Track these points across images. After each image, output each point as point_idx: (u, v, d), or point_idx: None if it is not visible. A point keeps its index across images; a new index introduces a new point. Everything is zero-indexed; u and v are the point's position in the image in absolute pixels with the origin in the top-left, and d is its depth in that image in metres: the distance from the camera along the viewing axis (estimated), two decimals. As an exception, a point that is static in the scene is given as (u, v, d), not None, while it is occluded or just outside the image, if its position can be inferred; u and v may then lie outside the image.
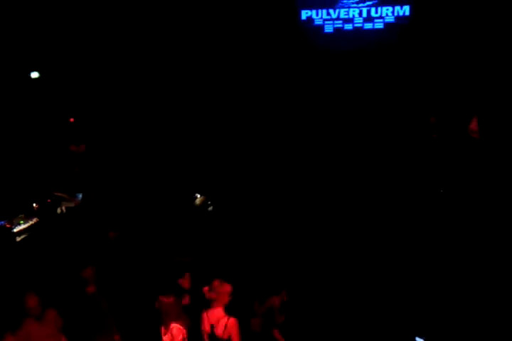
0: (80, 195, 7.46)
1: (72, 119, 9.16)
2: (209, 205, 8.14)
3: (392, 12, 9.68)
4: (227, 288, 3.98)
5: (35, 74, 8.52)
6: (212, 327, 3.96)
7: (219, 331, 3.92)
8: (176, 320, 4.04)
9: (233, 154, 9.39)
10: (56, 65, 8.91)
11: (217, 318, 3.93)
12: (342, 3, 9.83)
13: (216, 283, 3.97)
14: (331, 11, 9.92)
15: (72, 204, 7.25)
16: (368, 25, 9.88)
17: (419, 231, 6.82)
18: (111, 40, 9.49)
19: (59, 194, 7.30)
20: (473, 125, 7.57)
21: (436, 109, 8.98)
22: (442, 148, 8.34)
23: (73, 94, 9.14)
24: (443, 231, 6.72)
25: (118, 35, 9.48)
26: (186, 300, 4.85)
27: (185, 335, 4.07)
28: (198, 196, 8.14)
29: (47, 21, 8.53)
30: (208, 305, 4.03)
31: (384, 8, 9.70)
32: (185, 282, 5.04)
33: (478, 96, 8.36)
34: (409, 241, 6.64)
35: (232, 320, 3.91)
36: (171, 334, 4.02)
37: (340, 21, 9.92)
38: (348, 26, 9.96)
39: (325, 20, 9.99)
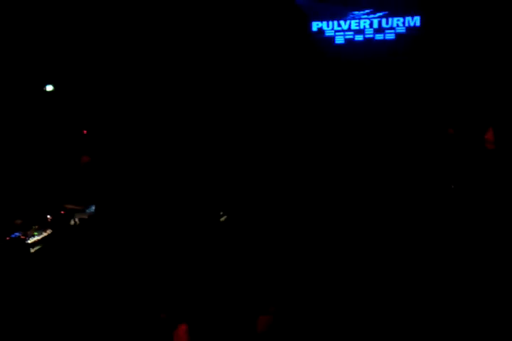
0: (93, 207, 7.47)
1: (85, 131, 9.24)
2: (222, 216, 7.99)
3: (403, 23, 9.70)
4: None
5: (49, 88, 8.64)
6: None
7: None
8: None
9: (248, 166, 9.37)
10: (70, 78, 9.03)
11: None
12: (353, 14, 9.88)
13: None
14: (342, 22, 9.97)
15: (85, 216, 7.27)
16: (379, 36, 9.90)
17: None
18: (124, 56, 9.59)
19: (71, 206, 7.32)
20: (489, 135, 7.51)
21: (450, 119, 8.93)
22: (457, 156, 8.28)
23: (87, 106, 9.23)
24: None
25: (131, 52, 9.58)
26: None
27: None
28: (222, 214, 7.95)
29: (62, 36, 8.66)
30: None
31: (395, 19, 9.72)
32: None
33: (493, 106, 8.30)
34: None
35: None
36: None
37: (351, 32, 9.96)
38: (359, 37, 9.99)
39: (336, 31, 10.03)
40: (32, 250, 6.19)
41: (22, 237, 6.28)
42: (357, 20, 9.89)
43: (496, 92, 8.51)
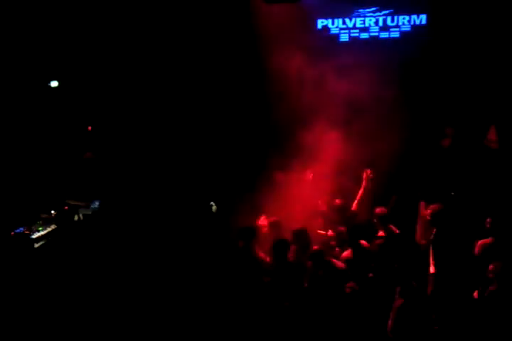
0: (97, 203, 7.53)
1: (90, 128, 9.29)
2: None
3: (409, 21, 9.68)
4: None
5: (54, 83, 8.68)
6: None
7: None
8: None
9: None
10: (75, 74, 9.07)
11: None
12: (358, 12, 9.86)
13: None
14: (347, 20, 9.95)
15: (89, 212, 7.32)
16: (384, 34, 9.88)
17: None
18: (128, 53, 9.60)
19: (75, 202, 7.37)
20: (492, 134, 7.52)
21: (454, 118, 8.92)
22: (459, 157, 8.28)
23: (92, 102, 9.26)
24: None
25: (135, 48, 9.58)
26: None
27: None
28: (213, 204, 8.11)
29: (67, 31, 8.70)
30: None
31: (400, 17, 9.70)
32: None
33: (496, 105, 8.29)
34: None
35: None
36: None
37: (357, 30, 9.94)
38: (364, 35, 9.97)
39: (341, 29, 10.02)
40: (36, 245, 6.25)
41: (26, 232, 6.33)
42: (362, 18, 9.87)
43: (501, 92, 8.49)
